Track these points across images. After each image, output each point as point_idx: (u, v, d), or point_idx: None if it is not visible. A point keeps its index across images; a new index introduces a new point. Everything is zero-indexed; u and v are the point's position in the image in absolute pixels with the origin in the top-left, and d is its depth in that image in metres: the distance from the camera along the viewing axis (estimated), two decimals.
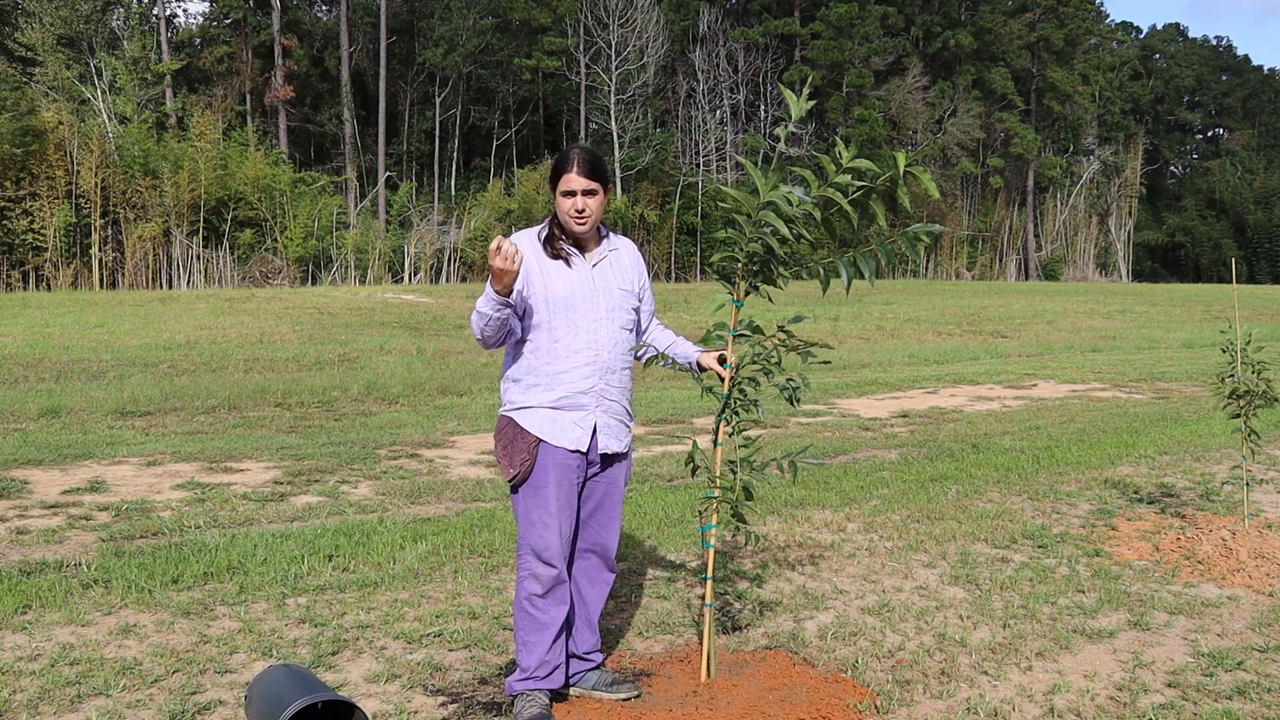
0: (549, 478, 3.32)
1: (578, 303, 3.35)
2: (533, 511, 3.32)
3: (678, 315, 23.43)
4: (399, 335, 19.05)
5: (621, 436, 3.47)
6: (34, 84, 36.77)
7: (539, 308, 3.36)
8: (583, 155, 3.36)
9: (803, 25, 53.12)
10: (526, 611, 3.33)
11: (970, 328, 24.38)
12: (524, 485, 3.34)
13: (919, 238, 3.29)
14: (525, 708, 3.28)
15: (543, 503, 3.31)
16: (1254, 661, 3.80)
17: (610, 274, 3.45)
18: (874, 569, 4.96)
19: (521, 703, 3.30)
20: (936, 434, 9.26)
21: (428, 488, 6.75)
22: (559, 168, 3.36)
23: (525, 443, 3.33)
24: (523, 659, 3.34)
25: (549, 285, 3.35)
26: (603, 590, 3.54)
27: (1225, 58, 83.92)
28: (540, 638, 3.32)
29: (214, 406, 10.39)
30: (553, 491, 3.32)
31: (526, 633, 3.34)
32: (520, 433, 3.34)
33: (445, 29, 44.27)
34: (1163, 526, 5.70)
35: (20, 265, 32.99)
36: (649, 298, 3.62)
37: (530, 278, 3.35)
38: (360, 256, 39.16)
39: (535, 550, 3.31)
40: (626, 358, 3.47)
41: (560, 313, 3.34)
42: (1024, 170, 63.20)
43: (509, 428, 3.38)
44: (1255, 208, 68.64)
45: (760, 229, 3.32)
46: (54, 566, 4.80)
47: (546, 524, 3.31)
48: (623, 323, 3.45)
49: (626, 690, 3.46)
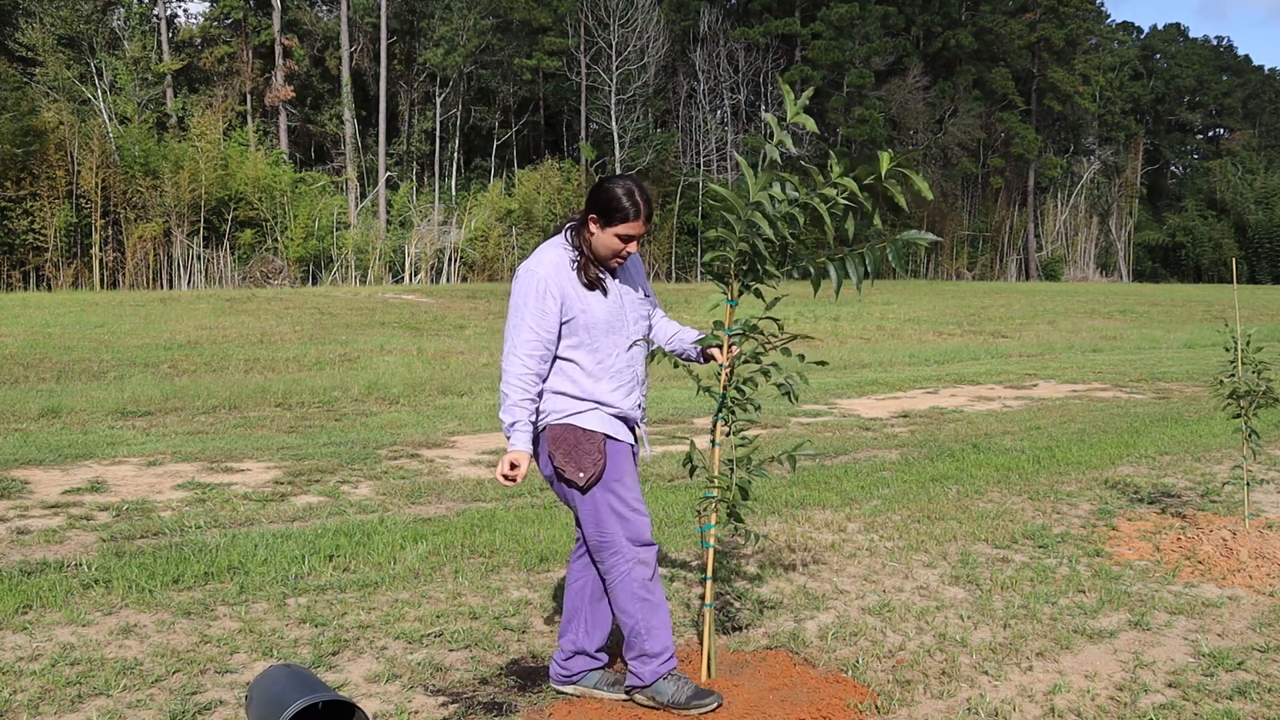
0: (626, 467, 3.37)
1: (615, 324, 3.39)
2: (618, 506, 3.32)
3: (678, 315, 23.43)
4: (399, 335, 19.06)
5: (645, 438, 3.61)
6: (35, 84, 36.78)
7: (578, 331, 3.35)
8: (648, 203, 3.33)
9: (803, 25, 53.12)
10: (644, 599, 3.32)
11: (971, 328, 24.39)
12: (604, 481, 3.33)
13: (912, 244, 3.29)
14: (682, 688, 3.31)
15: (629, 489, 3.35)
16: (1254, 661, 3.80)
17: (629, 288, 3.48)
18: (874, 569, 4.96)
19: (670, 685, 3.31)
20: (937, 434, 9.26)
21: (428, 488, 6.75)
22: (623, 212, 3.28)
23: (593, 443, 3.32)
24: (650, 646, 3.33)
25: (589, 310, 3.34)
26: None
27: (1226, 58, 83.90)
28: (660, 619, 3.35)
29: (214, 406, 10.39)
30: (633, 479, 3.38)
31: (648, 619, 3.33)
32: (585, 434, 3.33)
33: (446, 29, 44.27)
34: (1163, 526, 5.70)
35: (21, 265, 33.01)
36: (654, 297, 3.65)
37: (569, 303, 3.33)
38: (361, 256, 39.17)
39: (632, 539, 3.32)
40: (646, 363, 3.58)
41: (602, 335, 3.37)
42: (1024, 170, 63.20)
43: (569, 432, 3.34)
44: (1256, 208, 68.62)
45: (750, 229, 3.32)
46: (55, 566, 4.80)
47: (635, 509, 3.34)
48: (644, 331, 3.52)
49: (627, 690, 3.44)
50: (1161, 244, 71.35)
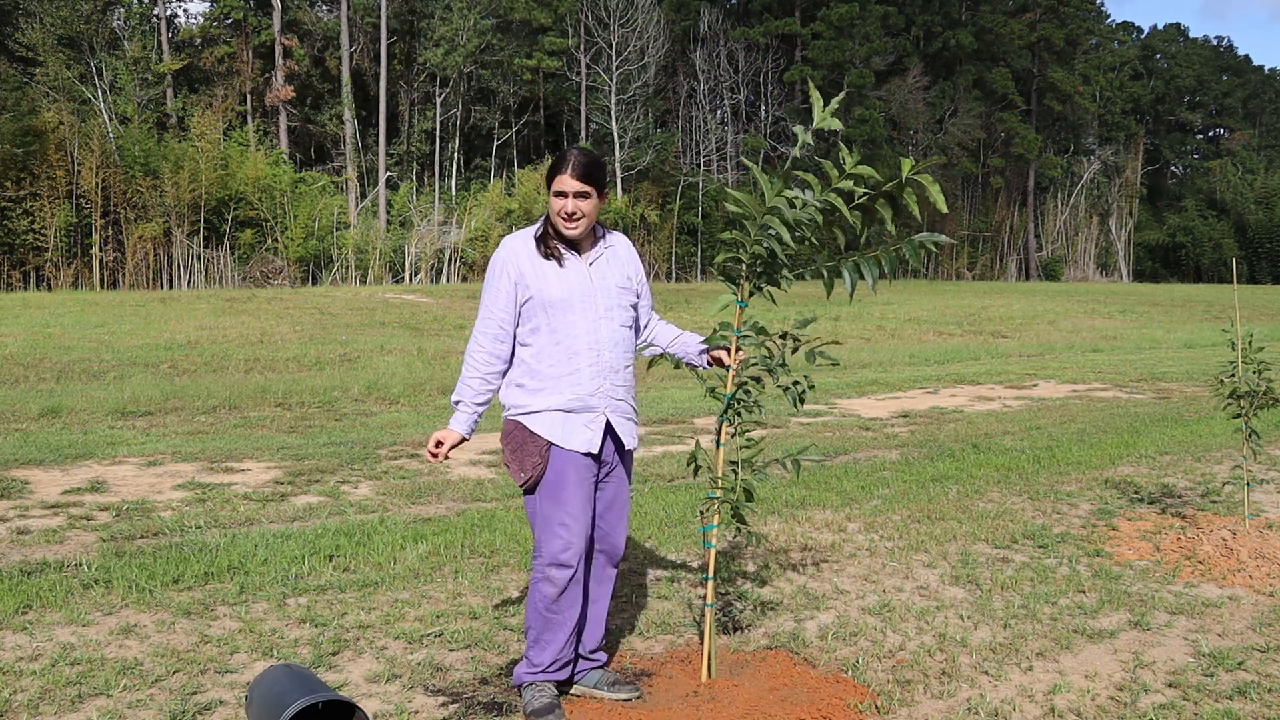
0: (568, 479, 3.29)
1: (576, 303, 3.30)
2: (551, 514, 3.28)
3: (678, 315, 23.43)
4: (399, 335, 19.06)
5: (628, 434, 3.45)
6: (35, 84, 36.79)
7: (536, 311, 3.31)
8: (579, 157, 3.30)
9: (803, 25, 53.14)
10: (542, 613, 3.32)
11: (971, 328, 24.38)
12: (540, 488, 3.31)
13: (924, 246, 3.28)
14: (536, 697, 3.29)
15: (562, 503, 3.28)
16: (1254, 661, 3.80)
17: (607, 271, 3.41)
18: (875, 569, 4.96)
19: (531, 693, 3.31)
20: (937, 434, 9.26)
21: (428, 488, 6.75)
22: (554, 168, 3.30)
23: (536, 446, 3.29)
24: (535, 655, 3.34)
25: (544, 288, 3.30)
26: (609, 587, 3.55)
27: (1226, 58, 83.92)
28: (555, 636, 3.33)
29: (214, 406, 10.39)
30: (572, 492, 3.29)
31: (541, 631, 3.33)
32: (530, 436, 3.31)
33: (446, 29, 44.26)
34: (1163, 526, 5.70)
35: (21, 265, 33.01)
36: (646, 293, 3.58)
37: (525, 281, 3.31)
38: (361, 256, 39.18)
39: (553, 553, 3.28)
40: (629, 356, 3.44)
41: (559, 314, 3.29)
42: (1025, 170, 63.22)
43: (517, 431, 3.34)
44: (1256, 208, 68.64)
45: (764, 232, 3.31)
46: (55, 566, 4.80)
47: (566, 525, 3.28)
48: (622, 320, 3.41)
49: (627, 691, 3.45)
50: (1161, 244, 71.36)
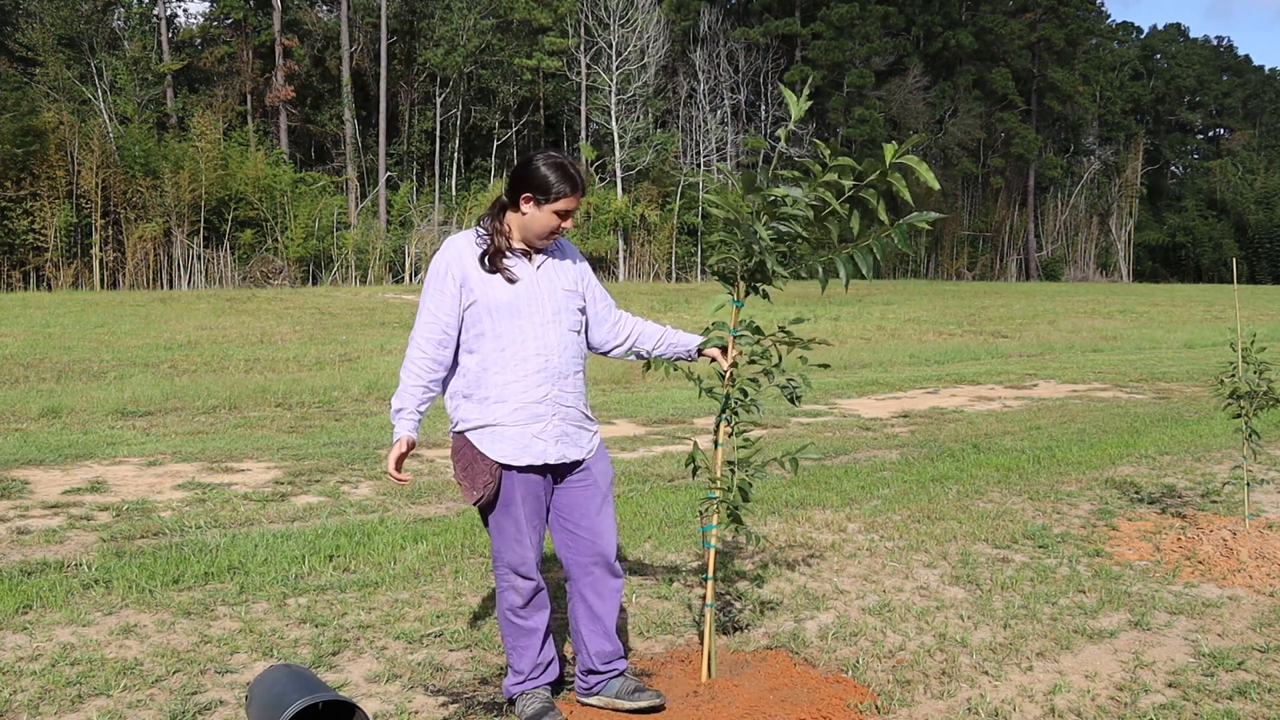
0: (516, 495, 3.22)
1: (523, 308, 3.18)
2: (506, 528, 3.23)
3: (678, 315, 23.44)
4: (400, 335, 19.06)
5: (582, 443, 3.31)
6: (35, 84, 36.80)
7: (482, 317, 3.18)
8: (581, 175, 3.21)
9: (803, 25, 53.17)
10: (512, 622, 3.30)
11: (971, 328, 24.37)
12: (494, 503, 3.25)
13: (915, 227, 3.27)
14: (528, 705, 3.27)
15: (514, 520, 3.23)
16: (1255, 661, 3.80)
17: (554, 275, 3.28)
18: (875, 569, 4.96)
19: (524, 701, 3.29)
20: (937, 434, 9.26)
21: (428, 488, 6.75)
22: (559, 188, 3.16)
23: (486, 465, 3.20)
24: (515, 663, 3.33)
25: (489, 293, 3.17)
26: (614, 600, 3.39)
27: (1226, 58, 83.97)
28: (529, 642, 3.30)
29: (215, 406, 10.39)
30: (521, 509, 3.22)
31: (514, 639, 3.31)
32: (480, 455, 3.20)
33: (446, 29, 44.28)
34: (1163, 526, 5.70)
35: (21, 265, 33.02)
36: (601, 292, 3.45)
37: (469, 284, 3.18)
38: (361, 257, 39.19)
39: (512, 565, 3.25)
40: (578, 361, 3.33)
41: (505, 320, 3.17)
42: (1025, 170, 63.23)
43: (467, 449, 3.22)
44: (1256, 208, 68.67)
45: (751, 234, 3.30)
46: (55, 566, 4.80)
47: (520, 540, 3.23)
48: (571, 324, 3.28)
49: (649, 699, 3.33)
50: (1161, 244, 71.38)
